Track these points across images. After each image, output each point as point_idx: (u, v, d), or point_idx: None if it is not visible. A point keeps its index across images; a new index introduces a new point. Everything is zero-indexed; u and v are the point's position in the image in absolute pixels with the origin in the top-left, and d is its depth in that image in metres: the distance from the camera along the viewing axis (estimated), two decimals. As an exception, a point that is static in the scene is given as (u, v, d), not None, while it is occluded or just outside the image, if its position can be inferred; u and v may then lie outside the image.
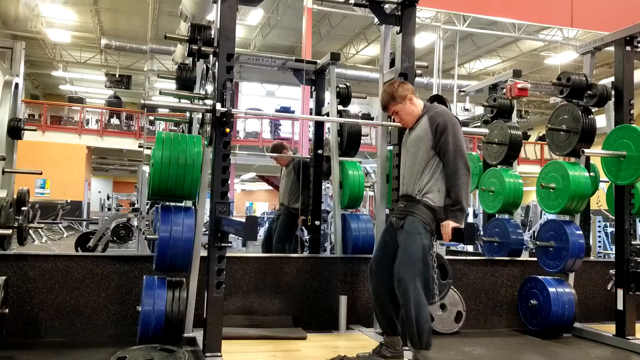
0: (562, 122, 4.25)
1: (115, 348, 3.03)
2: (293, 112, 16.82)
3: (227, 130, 2.99)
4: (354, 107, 17.19)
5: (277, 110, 16.31)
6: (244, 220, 2.64)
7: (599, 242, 9.06)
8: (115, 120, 19.30)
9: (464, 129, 3.15)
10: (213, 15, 4.97)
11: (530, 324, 4.18)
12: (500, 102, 4.96)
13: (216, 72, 3.05)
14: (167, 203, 3.36)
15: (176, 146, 3.17)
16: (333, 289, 3.95)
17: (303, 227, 4.93)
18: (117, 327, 3.51)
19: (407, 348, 3.24)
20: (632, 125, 3.88)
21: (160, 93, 3.92)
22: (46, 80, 23.46)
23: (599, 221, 8.91)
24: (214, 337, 2.95)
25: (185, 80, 4.13)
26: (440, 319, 4.07)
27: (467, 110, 13.77)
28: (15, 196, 4.18)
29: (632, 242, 3.98)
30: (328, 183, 5.00)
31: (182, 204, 3.45)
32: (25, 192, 4.23)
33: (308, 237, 4.81)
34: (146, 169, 6.76)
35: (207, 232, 3.16)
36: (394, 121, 3.51)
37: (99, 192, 23.15)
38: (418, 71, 3.50)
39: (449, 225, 2.76)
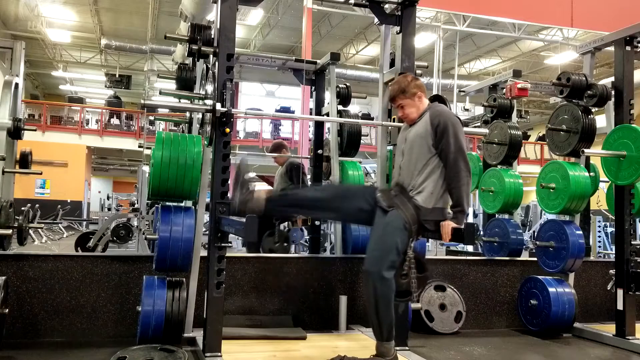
0: (562, 122, 4.25)
1: (115, 348, 3.03)
2: (293, 112, 16.83)
3: (227, 130, 2.99)
4: (354, 107, 17.19)
5: (277, 110, 16.33)
6: (243, 220, 2.64)
7: (599, 242, 9.07)
8: (115, 120, 19.31)
9: (464, 129, 3.14)
10: (213, 15, 4.97)
11: (530, 324, 4.19)
12: (500, 102, 4.96)
13: (216, 72, 3.05)
14: (167, 203, 3.36)
15: (176, 146, 3.17)
16: (333, 289, 3.95)
17: (303, 227, 4.93)
18: (117, 327, 3.51)
19: (406, 348, 3.26)
20: (632, 125, 3.88)
21: (160, 93, 3.92)
22: (46, 80, 23.46)
23: (599, 221, 8.92)
24: (214, 337, 2.95)
25: (185, 80, 4.13)
26: (440, 319, 4.07)
27: (467, 110, 13.78)
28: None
29: (632, 242, 3.98)
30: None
31: (182, 204, 3.45)
32: (29, 153, 4.27)
33: (308, 237, 4.80)
34: (146, 169, 6.77)
35: (207, 232, 3.16)
36: (394, 120, 3.52)
37: (99, 192, 23.16)
38: (418, 71, 3.50)
39: (448, 225, 2.76)
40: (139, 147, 11.47)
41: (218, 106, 2.91)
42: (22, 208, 4.27)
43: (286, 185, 5.14)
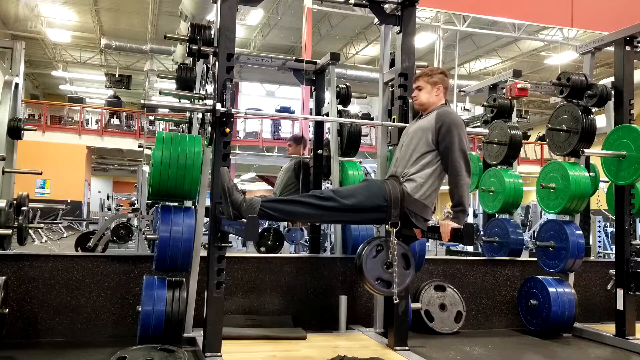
0: (562, 122, 4.25)
1: (115, 348, 3.03)
2: (293, 112, 16.83)
3: (227, 130, 2.99)
4: (354, 107, 17.18)
5: (277, 110, 16.33)
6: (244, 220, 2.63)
7: (599, 242, 9.06)
8: (115, 120, 19.29)
9: (464, 129, 3.14)
10: (213, 15, 4.97)
11: (530, 324, 4.19)
12: (500, 102, 4.96)
13: (216, 72, 3.05)
14: (167, 203, 3.36)
15: (176, 146, 3.17)
16: (333, 289, 3.95)
17: (303, 227, 4.93)
18: (117, 327, 3.52)
19: (406, 348, 3.26)
20: (632, 125, 3.88)
21: (160, 93, 3.92)
22: (46, 80, 23.46)
23: (599, 221, 8.91)
24: (214, 337, 2.95)
25: (185, 80, 4.13)
26: (440, 318, 4.07)
27: (467, 110, 13.77)
28: (14, 198, 4.17)
29: (632, 242, 3.98)
30: (328, 183, 5.00)
31: (182, 204, 3.44)
32: (25, 197, 4.21)
33: (308, 237, 4.80)
34: (146, 169, 6.76)
35: (207, 232, 3.16)
36: (394, 120, 3.51)
37: (99, 192, 23.14)
38: (418, 71, 3.49)
39: (448, 225, 2.76)
40: (139, 147, 11.45)
41: (218, 106, 2.91)
42: (23, 208, 4.26)
43: (291, 182, 5.11)
